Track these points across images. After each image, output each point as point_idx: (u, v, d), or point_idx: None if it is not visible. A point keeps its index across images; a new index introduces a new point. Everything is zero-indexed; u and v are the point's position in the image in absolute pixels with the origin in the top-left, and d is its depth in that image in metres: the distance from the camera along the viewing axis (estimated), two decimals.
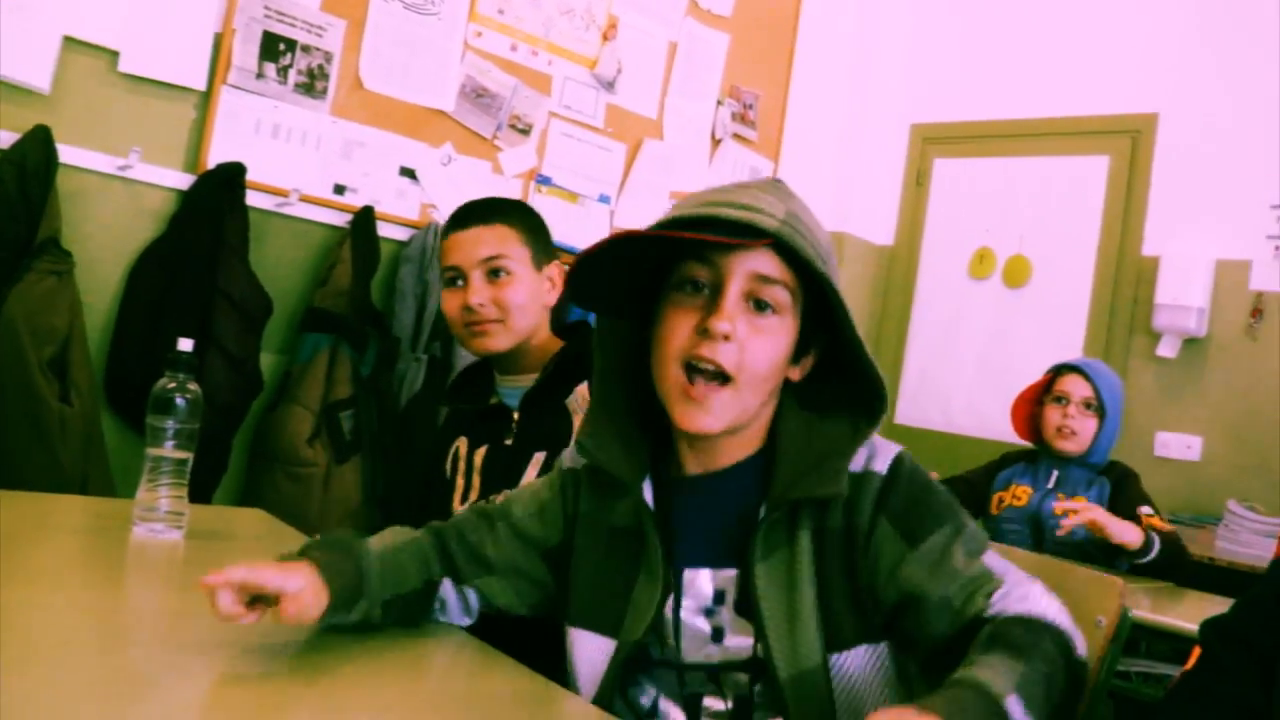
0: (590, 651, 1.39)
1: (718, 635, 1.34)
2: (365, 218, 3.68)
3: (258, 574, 1.23)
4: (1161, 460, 4.44)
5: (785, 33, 5.13)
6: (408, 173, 3.87)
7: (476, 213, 2.13)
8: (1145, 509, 3.21)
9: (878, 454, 1.33)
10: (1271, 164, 4.36)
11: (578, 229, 4.29)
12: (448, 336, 3.82)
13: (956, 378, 5.22)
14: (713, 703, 1.36)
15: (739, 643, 1.33)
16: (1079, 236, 4.89)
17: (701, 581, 1.35)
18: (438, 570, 1.48)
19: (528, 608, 1.52)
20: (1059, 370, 3.46)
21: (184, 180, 3.39)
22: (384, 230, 3.75)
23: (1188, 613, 2.67)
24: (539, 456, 2.02)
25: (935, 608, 1.25)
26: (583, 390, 2.02)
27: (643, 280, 1.35)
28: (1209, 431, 4.41)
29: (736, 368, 1.26)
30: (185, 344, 1.83)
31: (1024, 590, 1.25)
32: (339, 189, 3.71)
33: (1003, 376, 4.93)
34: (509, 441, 2.08)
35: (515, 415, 2.09)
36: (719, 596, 1.34)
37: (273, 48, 3.52)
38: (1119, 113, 4.84)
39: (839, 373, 1.35)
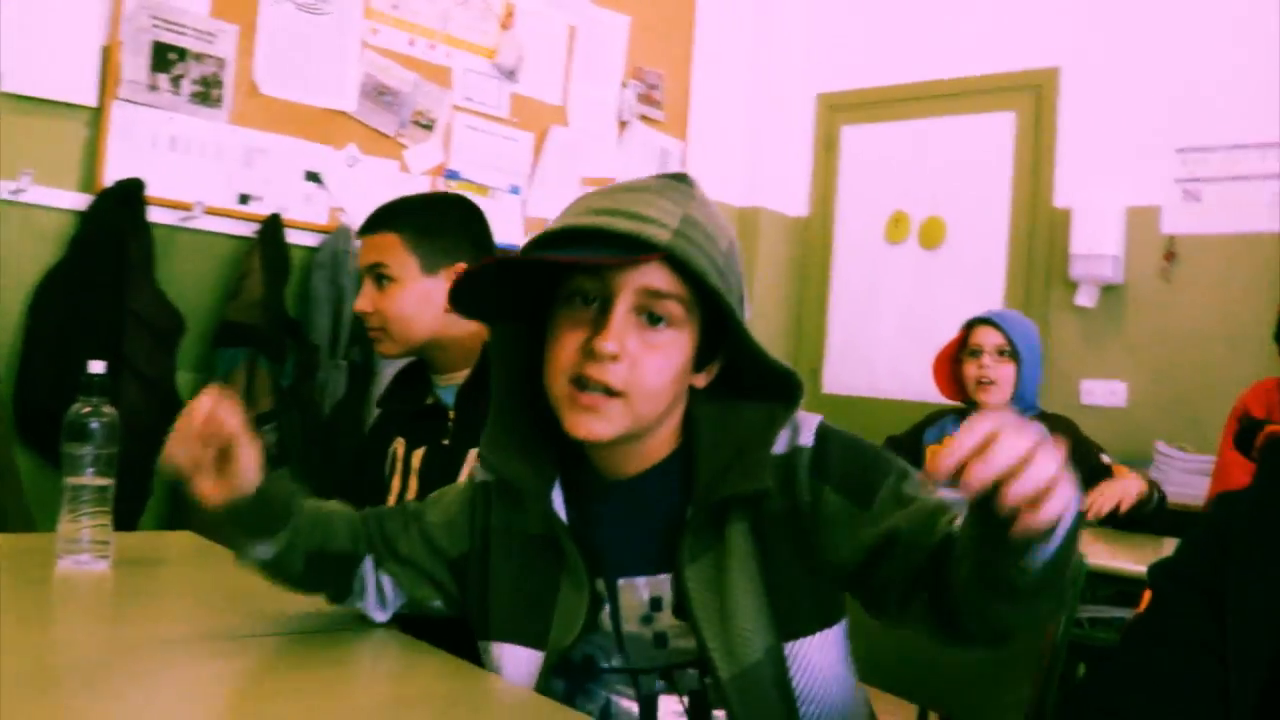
0: (517, 664, 1.35)
1: (660, 641, 1.31)
2: (273, 226, 3.60)
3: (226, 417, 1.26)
4: (1088, 407, 4.50)
5: (685, 11, 5.11)
6: (313, 177, 3.79)
7: (369, 220, 2.11)
8: (1105, 457, 3.24)
9: (800, 428, 1.30)
10: (1174, 108, 4.44)
11: (491, 222, 4.23)
12: (367, 340, 3.75)
13: (879, 342, 5.25)
14: (669, 700, 1.33)
15: (684, 644, 1.30)
16: (991, 193, 4.94)
17: (636, 590, 1.32)
18: (363, 546, 1.46)
19: (433, 607, 1.50)
20: (971, 324, 3.45)
21: (81, 201, 3.29)
22: (293, 237, 3.67)
23: (1131, 555, 2.70)
24: (474, 453, 1.97)
25: (906, 541, 1.19)
26: None
27: (535, 285, 1.30)
28: (1133, 376, 4.48)
29: (625, 385, 1.21)
30: (97, 366, 1.76)
31: None
32: (244, 198, 3.62)
33: (925, 338, 4.95)
34: (447, 441, 2.04)
35: (452, 414, 2.05)
36: (655, 603, 1.31)
37: (163, 58, 3.42)
38: (1021, 69, 4.89)
39: (748, 368, 1.31)
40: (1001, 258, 4.89)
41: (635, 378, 1.21)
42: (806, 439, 1.29)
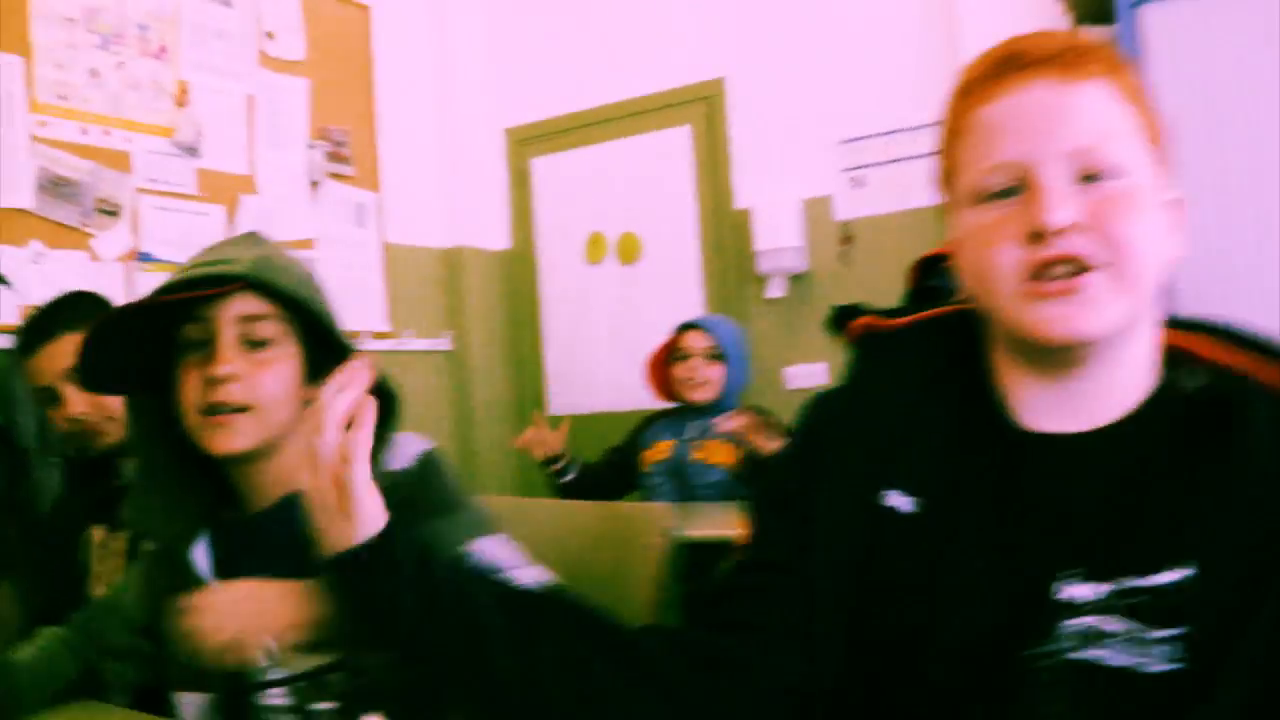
0: (191, 711, 1.46)
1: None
2: None
3: None
4: (796, 391, 4.80)
5: (362, 66, 5.20)
6: None
7: (48, 326, 2.17)
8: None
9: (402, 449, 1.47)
10: (833, 104, 4.82)
11: None
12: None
13: (595, 360, 5.48)
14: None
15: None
16: (678, 204, 5.25)
17: None
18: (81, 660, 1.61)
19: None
20: (681, 329, 3.73)
21: None
22: None
23: None
24: None
25: None
26: None
27: (159, 354, 1.46)
28: (831, 355, 4.77)
29: (247, 399, 1.40)
30: None
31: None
32: None
33: (635, 348, 5.16)
34: None
35: None
36: None
37: None
38: (690, 83, 5.22)
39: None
40: (695, 263, 5.20)
41: (253, 390, 1.40)
42: (402, 461, 1.45)
